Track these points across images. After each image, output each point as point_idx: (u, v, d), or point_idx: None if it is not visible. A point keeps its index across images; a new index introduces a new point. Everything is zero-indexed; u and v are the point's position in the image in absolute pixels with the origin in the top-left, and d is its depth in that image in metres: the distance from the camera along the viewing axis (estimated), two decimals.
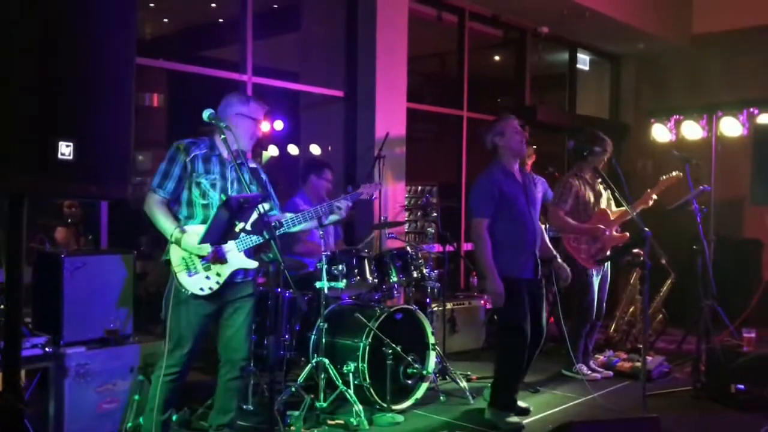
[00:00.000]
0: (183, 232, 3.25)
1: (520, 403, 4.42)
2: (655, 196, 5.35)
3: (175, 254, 3.29)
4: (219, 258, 3.28)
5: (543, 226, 4.70)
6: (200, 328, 3.38)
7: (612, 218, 5.31)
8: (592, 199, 5.29)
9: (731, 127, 6.19)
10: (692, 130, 6.41)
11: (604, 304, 5.48)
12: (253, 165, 3.58)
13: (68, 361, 3.68)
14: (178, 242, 3.25)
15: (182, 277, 3.28)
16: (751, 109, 6.03)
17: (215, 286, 3.31)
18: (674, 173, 5.37)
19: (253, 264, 3.44)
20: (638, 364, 5.14)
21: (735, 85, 8.40)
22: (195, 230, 3.26)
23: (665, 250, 5.09)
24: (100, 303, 3.89)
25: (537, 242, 4.31)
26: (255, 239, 3.37)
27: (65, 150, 1.71)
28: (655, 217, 5.44)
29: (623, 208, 5.10)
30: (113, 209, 5.14)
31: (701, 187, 5.31)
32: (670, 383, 5.30)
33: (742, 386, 4.65)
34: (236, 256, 3.37)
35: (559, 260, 4.49)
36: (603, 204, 5.34)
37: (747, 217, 8.17)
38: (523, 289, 4.17)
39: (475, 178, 4.41)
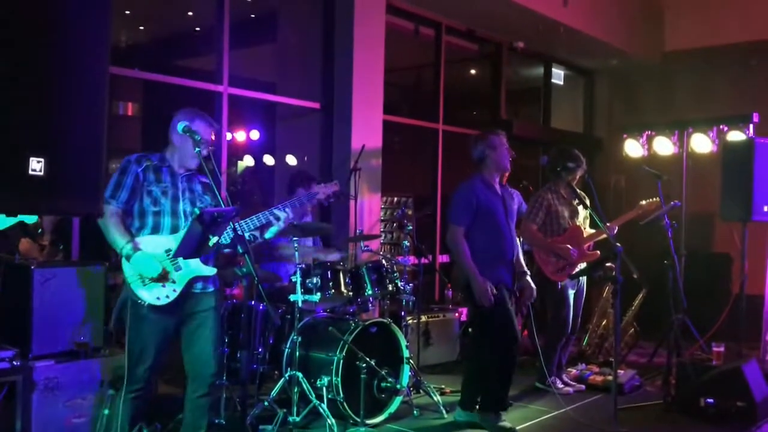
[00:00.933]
0: (135, 249, 3.21)
1: None
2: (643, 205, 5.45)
3: (128, 265, 3.24)
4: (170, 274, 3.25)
5: (518, 240, 4.74)
6: (161, 342, 3.33)
7: (585, 235, 5.36)
8: (566, 215, 5.33)
9: (701, 143, 6.29)
10: (664, 146, 6.51)
11: (579, 318, 5.53)
12: (204, 179, 3.52)
13: (36, 374, 3.61)
14: (128, 259, 3.20)
15: (137, 288, 3.22)
16: (721, 126, 6.14)
17: (173, 295, 3.26)
18: (654, 199, 5.45)
19: (210, 270, 3.38)
20: (610, 377, 5.18)
21: (705, 102, 8.56)
22: (147, 244, 3.22)
23: (637, 265, 5.16)
24: (70, 315, 3.83)
25: (514, 254, 4.43)
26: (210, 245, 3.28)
27: (36, 165, 1.69)
28: (628, 232, 5.52)
29: (599, 229, 5.18)
30: (85, 220, 5.07)
31: (672, 202, 5.39)
32: (641, 396, 5.35)
33: (711, 400, 4.71)
34: (191, 264, 3.31)
35: (528, 278, 4.55)
36: (579, 221, 5.39)
37: (717, 231, 8.31)
38: (504, 292, 4.28)
39: (455, 187, 4.47)
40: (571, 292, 5.36)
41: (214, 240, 3.05)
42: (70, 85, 1.86)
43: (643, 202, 5.48)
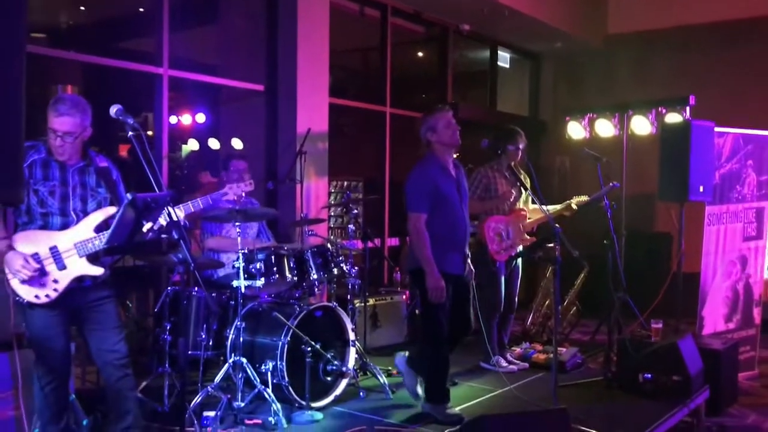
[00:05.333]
0: (9, 248, 3.10)
1: None
2: (575, 207, 5.59)
3: None
4: (46, 275, 3.13)
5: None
6: (58, 334, 3.25)
7: (530, 217, 5.46)
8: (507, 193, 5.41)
9: (641, 125, 6.40)
10: (605, 128, 6.60)
11: (516, 298, 5.62)
12: (103, 164, 3.39)
13: None
14: (1, 257, 3.10)
15: (15, 284, 3.12)
16: (660, 109, 6.26)
17: (53, 294, 3.16)
18: (585, 197, 5.67)
19: (98, 270, 3.25)
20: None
21: (645, 84, 8.75)
22: (30, 240, 3.13)
23: (580, 244, 5.25)
24: (3, 306, 3.72)
25: (467, 238, 4.36)
26: (98, 244, 3.19)
27: None
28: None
29: (541, 215, 5.28)
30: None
31: (611, 183, 5.50)
32: (583, 373, 5.47)
33: (648, 375, 4.84)
34: (77, 263, 3.20)
35: (469, 261, 4.47)
36: (520, 204, 5.48)
37: (658, 211, 8.53)
38: (448, 284, 4.20)
39: (410, 171, 4.32)
40: (502, 276, 5.44)
41: (147, 226, 2.99)
42: None
43: (575, 199, 5.65)
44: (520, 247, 5.39)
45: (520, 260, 5.50)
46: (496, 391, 4.93)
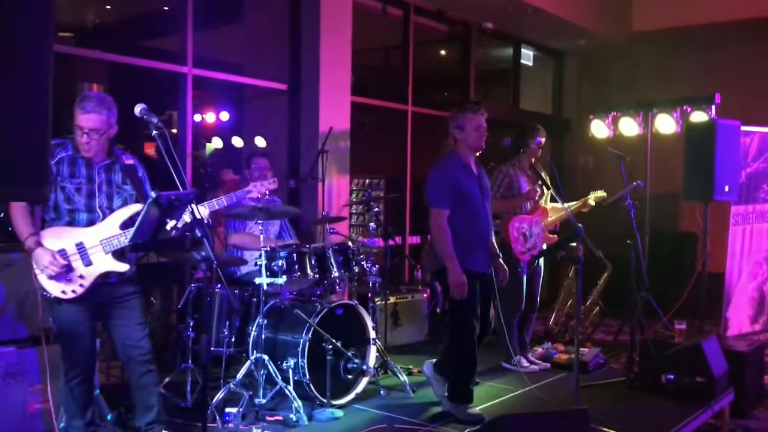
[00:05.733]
0: (37, 244, 3.16)
1: None
2: (592, 203, 5.53)
3: None
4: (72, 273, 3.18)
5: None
6: (84, 330, 3.30)
7: (550, 216, 5.44)
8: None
9: (666, 124, 6.35)
10: (629, 127, 6.56)
11: (538, 297, 5.60)
12: (129, 161, 3.44)
13: None
14: (29, 253, 3.16)
15: (42, 279, 3.18)
16: (685, 107, 6.20)
17: (79, 290, 3.21)
18: (601, 192, 5.65)
19: (123, 267, 3.31)
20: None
21: (669, 83, 8.65)
22: (58, 236, 3.18)
23: (604, 244, 5.22)
24: (31, 301, 3.79)
25: (490, 235, 4.37)
26: (123, 240, 3.24)
27: None
28: (594, 212, 5.60)
29: (562, 213, 5.25)
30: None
31: (635, 183, 5.46)
32: (605, 374, 5.44)
33: (671, 376, 4.79)
34: (103, 259, 3.25)
35: (501, 260, 4.48)
36: (542, 202, 5.46)
37: (682, 210, 8.43)
38: (474, 282, 4.21)
39: (431, 168, 4.35)
40: (526, 272, 5.42)
41: (171, 224, 3.03)
42: (10, 64, 1.81)
43: (592, 195, 5.60)
44: (544, 246, 5.36)
45: (542, 259, 5.48)
46: (517, 391, 4.91)
